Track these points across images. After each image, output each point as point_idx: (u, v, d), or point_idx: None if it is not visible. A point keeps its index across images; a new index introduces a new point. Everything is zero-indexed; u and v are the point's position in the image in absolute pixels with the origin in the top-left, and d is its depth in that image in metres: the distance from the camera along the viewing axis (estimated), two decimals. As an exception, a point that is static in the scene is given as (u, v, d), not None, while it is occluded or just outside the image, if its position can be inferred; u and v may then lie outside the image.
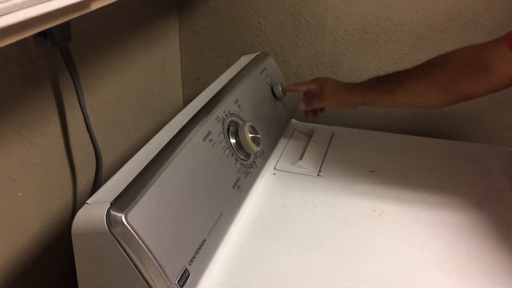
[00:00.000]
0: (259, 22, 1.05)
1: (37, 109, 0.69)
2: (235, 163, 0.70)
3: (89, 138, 0.75)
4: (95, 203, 0.50)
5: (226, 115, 0.72)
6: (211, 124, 0.67)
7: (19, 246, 0.69)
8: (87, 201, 0.50)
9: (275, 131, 0.88)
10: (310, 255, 0.62)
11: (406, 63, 0.98)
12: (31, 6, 0.34)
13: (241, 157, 0.72)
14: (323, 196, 0.74)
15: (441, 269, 0.60)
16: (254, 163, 0.75)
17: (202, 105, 0.70)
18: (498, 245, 0.64)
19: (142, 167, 0.55)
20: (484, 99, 0.99)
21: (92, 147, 0.76)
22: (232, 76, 0.82)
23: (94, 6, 0.43)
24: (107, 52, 0.85)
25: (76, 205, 0.81)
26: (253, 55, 0.94)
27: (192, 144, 0.61)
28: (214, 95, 0.74)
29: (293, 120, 0.98)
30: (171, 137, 0.61)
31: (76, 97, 0.71)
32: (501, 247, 0.64)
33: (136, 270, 0.48)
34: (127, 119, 0.94)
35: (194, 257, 0.55)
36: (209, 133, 0.66)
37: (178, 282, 0.51)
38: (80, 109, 0.72)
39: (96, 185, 0.77)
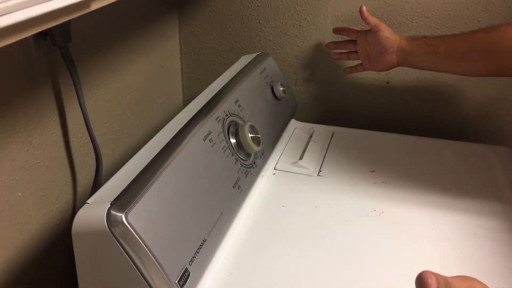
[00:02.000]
0: (259, 22, 1.05)
1: (37, 109, 0.69)
2: (235, 163, 0.70)
3: (89, 138, 0.75)
4: (95, 203, 0.50)
5: (226, 115, 0.72)
6: (211, 124, 0.67)
7: (19, 246, 0.69)
8: (87, 201, 0.50)
9: (275, 131, 0.88)
10: (310, 255, 0.62)
11: (406, 63, 0.98)
12: (31, 6, 0.34)
13: (241, 157, 0.72)
14: (323, 196, 0.74)
15: (441, 269, 0.60)
16: (254, 163, 0.75)
17: (202, 105, 0.70)
18: (498, 245, 0.64)
19: (142, 167, 0.55)
20: (484, 99, 0.99)
21: (92, 147, 0.76)
22: (232, 76, 0.82)
23: (94, 6, 0.43)
24: (107, 52, 0.85)
25: (76, 205, 0.81)
26: (253, 55, 0.94)
27: (192, 144, 0.61)
28: (214, 95, 0.74)
29: (293, 120, 0.98)
30: (171, 137, 0.61)
31: (76, 97, 0.71)
32: (501, 247, 0.64)
33: (136, 270, 0.48)
34: (127, 119, 0.94)
35: (194, 257, 0.55)
36: (209, 133, 0.66)
37: (178, 282, 0.51)
38: (80, 109, 0.72)
39: (96, 185, 0.77)
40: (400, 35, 0.84)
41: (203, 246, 0.57)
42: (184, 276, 0.52)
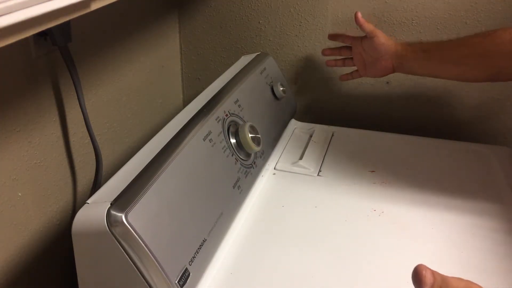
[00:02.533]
0: (259, 22, 1.05)
1: (37, 109, 0.69)
2: (235, 163, 0.70)
3: (89, 138, 0.75)
4: (95, 203, 0.50)
5: (226, 115, 0.72)
6: (211, 124, 0.67)
7: (19, 246, 0.69)
8: (87, 201, 0.50)
9: (275, 131, 0.88)
10: (310, 255, 0.62)
11: (406, 63, 0.98)
12: (31, 6, 0.34)
13: (241, 157, 0.72)
14: (323, 196, 0.74)
15: (441, 270, 0.60)
16: (254, 163, 0.75)
17: (202, 105, 0.70)
18: (498, 246, 0.64)
19: (142, 167, 0.55)
20: (484, 99, 0.99)
21: (92, 147, 0.76)
22: (232, 76, 0.82)
23: (94, 6, 0.43)
24: (107, 52, 0.85)
25: (76, 205, 0.81)
26: (253, 55, 0.94)
27: (192, 144, 0.61)
28: (214, 95, 0.74)
29: (293, 120, 0.98)
30: (171, 137, 0.61)
31: (76, 97, 0.71)
32: (500, 248, 0.64)
33: (136, 270, 0.48)
34: (127, 119, 0.94)
35: (194, 257, 0.55)
36: (209, 133, 0.66)
37: (178, 282, 0.51)
38: (80, 109, 0.72)
39: (96, 185, 0.77)
40: (395, 41, 0.84)
41: (203, 246, 0.57)
42: (184, 276, 0.52)
